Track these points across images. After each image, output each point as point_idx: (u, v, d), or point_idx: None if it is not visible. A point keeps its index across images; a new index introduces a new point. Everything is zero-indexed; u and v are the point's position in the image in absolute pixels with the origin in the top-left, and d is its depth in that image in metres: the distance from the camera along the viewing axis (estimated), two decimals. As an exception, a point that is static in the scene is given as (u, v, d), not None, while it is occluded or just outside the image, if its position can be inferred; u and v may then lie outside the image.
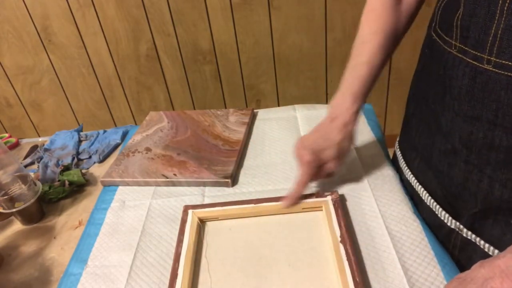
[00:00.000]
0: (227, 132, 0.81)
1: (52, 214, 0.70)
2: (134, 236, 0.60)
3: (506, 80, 0.39)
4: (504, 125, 0.41)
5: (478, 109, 0.43)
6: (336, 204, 0.57)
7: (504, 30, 0.38)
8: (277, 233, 0.56)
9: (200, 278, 0.51)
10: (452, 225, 0.53)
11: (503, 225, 0.46)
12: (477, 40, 0.41)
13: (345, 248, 0.50)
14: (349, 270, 0.48)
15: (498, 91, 0.40)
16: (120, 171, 0.73)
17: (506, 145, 0.42)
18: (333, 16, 1.48)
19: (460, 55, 0.44)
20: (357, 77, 0.57)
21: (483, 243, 0.49)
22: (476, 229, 0.50)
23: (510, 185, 0.43)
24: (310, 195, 0.60)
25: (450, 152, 0.49)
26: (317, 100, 1.70)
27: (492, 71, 0.40)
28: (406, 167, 0.62)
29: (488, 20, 0.39)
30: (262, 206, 0.59)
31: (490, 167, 0.44)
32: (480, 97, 0.42)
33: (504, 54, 0.39)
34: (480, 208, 0.48)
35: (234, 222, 0.59)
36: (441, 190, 0.54)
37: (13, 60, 1.63)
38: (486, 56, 0.40)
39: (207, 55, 1.60)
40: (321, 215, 0.58)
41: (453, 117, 0.47)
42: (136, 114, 1.80)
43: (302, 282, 0.49)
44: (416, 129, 0.58)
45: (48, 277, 0.58)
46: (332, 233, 0.53)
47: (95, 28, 1.54)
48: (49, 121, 1.83)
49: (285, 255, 0.53)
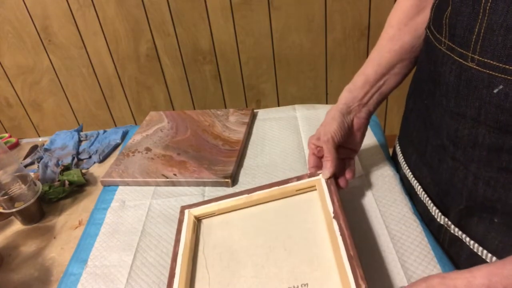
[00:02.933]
0: (227, 132, 0.81)
1: (52, 214, 0.70)
2: (134, 236, 0.60)
3: (488, 78, 0.39)
4: (487, 123, 0.41)
5: (463, 106, 0.43)
6: (328, 181, 0.56)
7: (486, 29, 0.38)
8: (273, 220, 0.56)
9: (198, 275, 0.51)
10: (441, 221, 0.53)
11: (487, 223, 0.46)
12: (462, 38, 0.42)
13: (338, 223, 0.50)
14: (343, 244, 0.47)
15: (481, 89, 0.40)
16: (120, 171, 0.73)
17: (488, 143, 0.42)
18: (333, 16, 1.48)
19: (449, 52, 0.44)
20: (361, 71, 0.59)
21: (469, 240, 0.49)
22: (462, 226, 0.50)
23: (492, 183, 0.43)
24: (302, 176, 0.59)
25: (440, 148, 0.50)
26: (317, 100, 1.70)
27: (476, 69, 0.40)
28: (404, 162, 0.63)
29: (472, 19, 0.40)
30: (255, 195, 0.59)
31: (474, 164, 0.45)
32: (464, 94, 0.43)
33: (486, 53, 0.39)
34: (466, 205, 0.48)
35: (230, 216, 0.59)
36: (434, 186, 0.54)
37: (13, 60, 1.63)
38: (470, 54, 0.41)
39: (207, 55, 1.60)
40: (315, 195, 0.57)
41: (441, 113, 0.47)
42: (136, 114, 1.80)
43: (298, 266, 0.49)
44: (413, 125, 0.59)
45: (48, 277, 0.58)
46: (325, 210, 0.52)
47: (95, 28, 1.54)
48: (49, 121, 1.83)
49: (281, 240, 0.53)
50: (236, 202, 0.59)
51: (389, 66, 0.57)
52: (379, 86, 0.58)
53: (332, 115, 0.58)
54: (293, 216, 0.56)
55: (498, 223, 0.45)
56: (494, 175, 0.43)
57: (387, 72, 0.57)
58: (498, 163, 0.42)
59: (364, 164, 0.68)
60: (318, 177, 0.58)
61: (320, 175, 0.57)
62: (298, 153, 0.74)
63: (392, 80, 0.58)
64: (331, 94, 1.68)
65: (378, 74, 0.57)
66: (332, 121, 0.57)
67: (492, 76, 0.39)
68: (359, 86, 0.58)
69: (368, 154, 0.70)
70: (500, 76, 0.38)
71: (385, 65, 0.57)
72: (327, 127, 0.57)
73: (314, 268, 0.48)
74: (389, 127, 1.79)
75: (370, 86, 0.58)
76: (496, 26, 0.37)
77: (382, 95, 0.59)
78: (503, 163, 0.41)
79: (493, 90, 0.39)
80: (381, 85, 0.58)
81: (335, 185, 0.56)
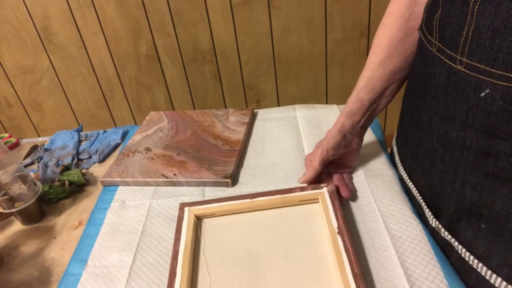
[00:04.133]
0: (227, 132, 0.81)
1: (52, 214, 0.70)
2: (134, 236, 0.60)
3: (475, 81, 0.39)
4: (474, 126, 0.41)
5: (452, 109, 0.43)
6: (332, 196, 0.57)
7: (474, 32, 0.38)
8: (274, 227, 0.56)
9: (199, 276, 0.51)
10: (433, 224, 0.53)
11: (475, 229, 0.46)
12: (451, 40, 0.41)
13: (342, 239, 0.50)
14: (348, 261, 0.47)
15: (468, 92, 0.40)
16: (120, 171, 0.73)
17: (475, 147, 0.42)
18: (333, 16, 1.48)
19: (439, 54, 0.44)
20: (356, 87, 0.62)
21: (457, 245, 0.49)
22: (452, 230, 0.50)
23: (479, 188, 0.43)
24: (306, 188, 0.60)
25: (431, 150, 0.50)
26: (317, 100, 1.70)
27: (464, 71, 0.40)
28: (400, 163, 0.63)
29: (461, 21, 0.40)
30: (258, 201, 0.59)
31: (462, 168, 0.44)
32: (453, 97, 0.42)
33: (474, 56, 0.39)
34: (455, 209, 0.48)
35: (231, 218, 0.59)
36: (427, 188, 0.55)
37: (13, 60, 1.63)
38: (459, 57, 0.40)
39: (207, 55, 1.60)
40: (318, 207, 0.58)
41: (432, 115, 0.47)
42: (136, 114, 1.80)
43: (300, 276, 0.49)
44: (408, 126, 0.59)
45: (48, 277, 0.58)
46: (329, 225, 0.53)
47: (95, 28, 1.54)
48: (49, 121, 1.83)
49: (283, 249, 0.53)
50: (239, 205, 0.59)
51: (381, 91, 0.60)
52: (372, 109, 0.62)
53: (333, 135, 0.61)
54: (294, 226, 0.56)
55: (484, 229, 0.45)
56: (480, 180, 0.43)
57: (379, 97, 0.60)
58: (484, 168, 0.42)
59: (364, 163, 0.68)
60: (322, 190, 0.59)
61: (324, 189, 0.58)
62: (298, 153, 0.74)
63: (384, 101, 0.62)
64: (331, 94, 1.68)
65: (372, 100, 0.60)
66: (332, 138, 0.61)
67: (479, 79, 0.39)
68: (356, 112, 0.61)
69: (368, 154, 0.70)
70: (487, 80, 0.38)
71: (378, 91, 0.60)
72: (324, 142, 0.61)
73: (317, 281, 0.48)
74: (389, 127, 1.79)
75: (365, 110, 0.61)
76: (483, 29, 0.37)
77: (375, 115, 0.64)
78: (489, 168, 0.41)
79: (480, 93, 0.39)
80: (374, 108, 0.62)
81: (338, 199, 0.57)
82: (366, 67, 0.60)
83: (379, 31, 0.59)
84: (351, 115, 0.61)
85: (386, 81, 0.59)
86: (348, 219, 0.57)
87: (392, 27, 0.56)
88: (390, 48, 0.57)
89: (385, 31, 0.57)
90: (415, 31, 0.55)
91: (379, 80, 0.59)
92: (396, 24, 0.56)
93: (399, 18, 0.55)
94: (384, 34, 0.58)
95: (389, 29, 0.57)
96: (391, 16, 0.57)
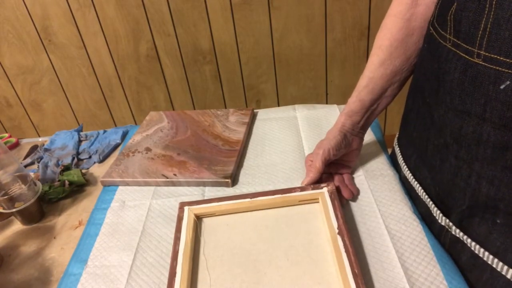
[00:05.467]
0: (227, 132, 0.81)
1: (52, 214, 0.70)
2: (134, 236, 0.60)
3: (494, 74, 0.39)
4: (492, 120, 0.41)
5: (468, 103, 0.43)
6: (332, 196, 0.57)
7: (493, 24, 0.38)
8: (274, 227, 0.56)
9: (199, 276, 0.51)
10: (442, 222, 0.53)
11: (490, 224, 0.46)
12: (467, 34, 0.41)
13: (342, 239, 0.50)
14: (348, 262, 0.47)
15: (487, 85, 0.40)
16: (120, 171, 0.73)
17: (493, 141, 0.42)
18: (333, 16, 1.49)
19: (454, 49, 0.44)
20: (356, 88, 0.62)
21: (470, 241, 0.49)
22: (464, 227, 0.50)
23: (496, 182, 0.43)
24: (306, 188, 0.60)
25: (443, 146, 0.50)
26: (317, 100, 1.70)
27: (482, 64, 0.40)
28: (403, 163, 0.63)
29: (478, 14, 0.40)
30: (258, 200, 0.59)
31: (478, 163, 0.44)
32: (470, 91, 0.42)
33: (493, 48, 0.39)
34: (468, 205, 0.48)
35: (231, 218, 0.59)
36: (434, 187, 0.54)
37: (13, 60, 1.63)
38: (476, 50, 0.40)
39: (207, 55, 1.60)
40: (318, 207, 0.58)
41: (445, 111, 0.47)
42: (136, 114, 1.80)
43: (301, 277, 0.49)
44: (413, 124, 0.59)
45: (48, 277, 0.58)
46: (330, 225, 0.53)
47: (95, 28, 1.54)
48: (49, 121, 1.83)
49: (284, 249, 0.53)
50: (239, 205, 0.59)
51: (382, 91, 0.60)
52: (372, 110, 0.62)
53: (334, 135, 0.62)
54: (294, 226, 0.56)
55: (500, 223, 0.44)
56: (498, 174, 0.43)
57: (380, 97, 0.61)
58: (502, 161, 0.42)
59: (364, 164, 0.68)
60: (322, 190, 0.59)
61: (324, 189, 0.58)
62: (298, 153, 0.74)
63: (384, 102, 0.62)
64: (331, 94, 1.68)
65: (373, 100, 0.61)
66: (332, 138, 0.61)
67: (499, 71, 0.38)
68: (356, 112, 0.62)
69: (368, 154, 0.70)
70: (507, 72, 0.38)
71: (379, 91, 0.60)
72: (325, 142, 0.61)
73: (317, 281, 0.48)
74: (389, 127, 1.79)
75: (366, 110, 0.62)
76: (503, 21, 0.37)
77: (375, 115, 0.64)
78: (507, 161, 0.41)
79: (500, 86, 0.39)
80: (374, 109, 0.62)
81: (338, 200, 0.56)
82: (367, 67, 0.60)
83: (380, 32, 0.59)
84: (352, 115, 0.62)
85: (386, 81, 0.59)
86: (348, 219, 0.57)
87: (392, 28, 0.57)
88: (390, 49, 0.57)
89: (386, 32, 0.58)
90: (416, 32, 0.55)
91: (379, 81, 0.59)
92: (397, 25, 0.56)
93: (400, 19, 0.56)
94: (384, 35, 0.58)
95: (389, 30, 0.57)
96: (392, 17, 0.57)
